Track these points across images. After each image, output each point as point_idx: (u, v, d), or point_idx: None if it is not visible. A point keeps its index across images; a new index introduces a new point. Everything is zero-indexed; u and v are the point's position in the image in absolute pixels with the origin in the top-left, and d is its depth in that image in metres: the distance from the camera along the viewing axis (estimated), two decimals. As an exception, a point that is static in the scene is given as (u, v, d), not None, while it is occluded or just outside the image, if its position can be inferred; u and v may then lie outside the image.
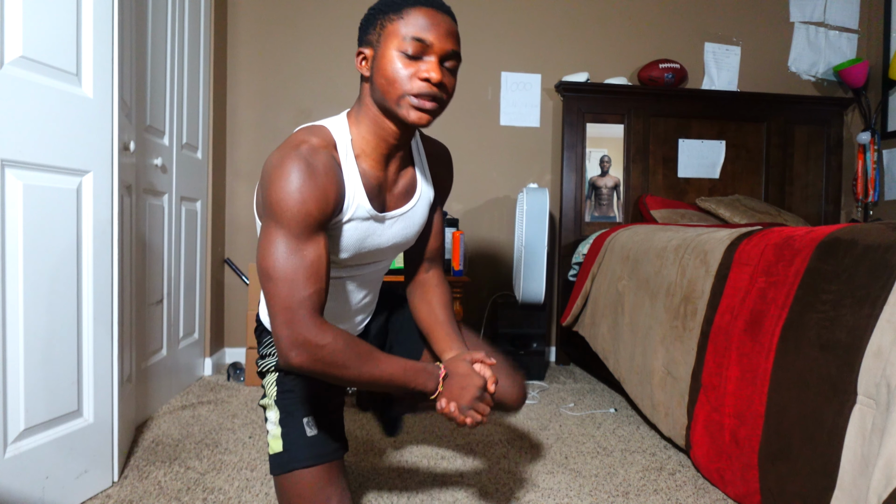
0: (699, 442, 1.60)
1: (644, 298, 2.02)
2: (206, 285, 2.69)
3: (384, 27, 0.99)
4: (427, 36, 0.97)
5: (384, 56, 0.99)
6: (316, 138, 1.02)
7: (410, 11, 0.97)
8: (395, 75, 0.98)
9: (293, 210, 0.95)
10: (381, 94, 1.01)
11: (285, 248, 0.95)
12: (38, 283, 1.31)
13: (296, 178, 0.95)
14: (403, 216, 1.17)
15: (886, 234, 1.17)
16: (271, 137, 2.95)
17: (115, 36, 1.50)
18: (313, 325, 0.94)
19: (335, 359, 0.95)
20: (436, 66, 0.98)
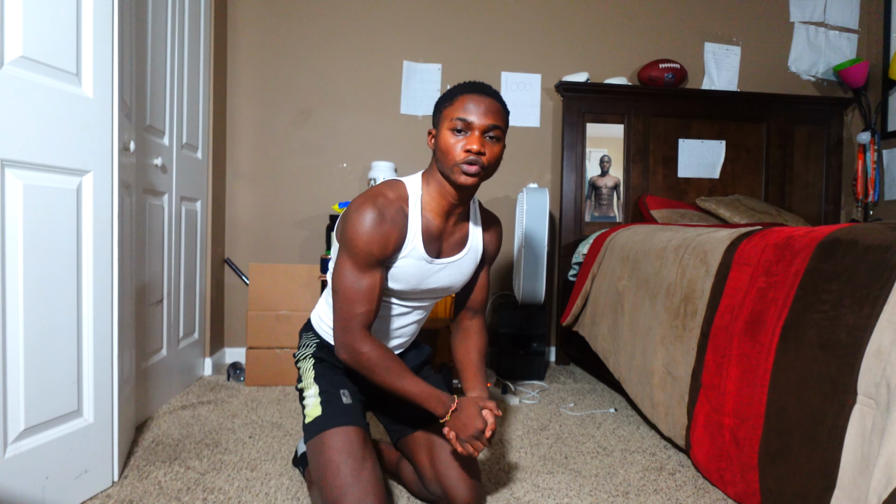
0: (699, 442, 1.60)
1: (644, 298, 2.02)
2: (206, 285, 2.69)
3: (441, 112, 1.27)
4: (469, 116, 1.22)
5: (441, 134, 1.26)
6: (392, 193, 1.30)
7: (459, 98, 1.25)
8: (447, 148, 1.24)
9: (360, 247, 1.23)
10: (440, 163, 1.27)
11: (350, 273, 1.25)
12: (38, 282, 1.31)
13: (367, 222, 1.23)
14: (452, 263, 1.39)
15: (886, 234, 1.17)
16: (271, 137, 2.95)
17: (115, 36, 1.50)
18: (360, 335, 1.25)
19: (369, 364, 1.25)
20: (477, 138, 1.22)
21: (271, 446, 1.83)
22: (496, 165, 1.27)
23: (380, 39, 3.00)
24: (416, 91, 3.02)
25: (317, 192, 2.98)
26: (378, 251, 1.24)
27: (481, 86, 1.27)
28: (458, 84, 1.29)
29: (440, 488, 1.36)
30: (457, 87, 1.28)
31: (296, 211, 2.97)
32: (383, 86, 3.01)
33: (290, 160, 2.97)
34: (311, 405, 1.36)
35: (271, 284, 2.57)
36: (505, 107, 1.28)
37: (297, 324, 2.56)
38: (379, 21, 3.00)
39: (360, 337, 1.24)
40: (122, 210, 1.59)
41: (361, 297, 1.24)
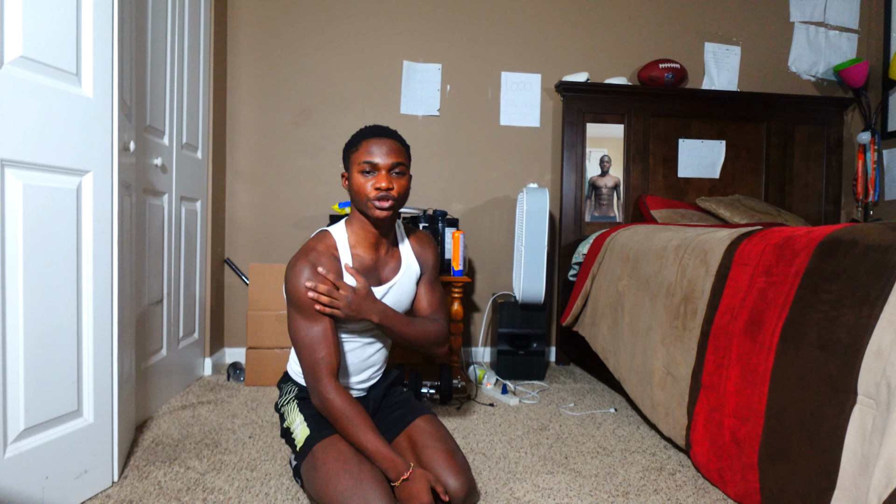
0: (699, 442, 1.60)
1: (644, 298, 2.02)
2: (206, 285, 2.69)
3: (349, 158, 1.43)
4: (374, 158, 1.37)
5: (352, 177, 1.41)
6: (321, 244, 1.42)
7: (363, 143, 1.39)
8: (359, 188, 1.39)
9: (302, 299, 1.35)
10: (356, 202, 1.42)
11: (301, 325, 1.36)
12: (38, 283, 1.31)
13: (303, 276, 1.35)
14: (394, 286, 1.51)
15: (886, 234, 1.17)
16: (271, 137, 2.95)
17: (115, 36, 1.50)
18: (326, 381, 1.33)
19: (334, 412, 1.32)
20: (384, 177, 1.37)
21: (271, 446, 1.83)
22: (406, 195, 1.42)
23: (380, 39, 3.00)
24: (416, 91, 3.02)
25: (317, 192, 2.98)
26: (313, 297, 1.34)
27: (381, 129, 1.41)
28: (360, 130, 1.43)
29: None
30: (359, 133, 1.42)
31: (296, 211, 2.97)
32: (383, 86, 3.01)
33: (290, 160, 2.97)
34: (300, 430, 1.43)
35: (271, 284, 2.57)
36: (405, 144, 1.44)
37: (297, 324, 2.56)
38: (379, 21, 3.00)
39: (326, 382, 1.33)
40: (122, 210, 1.59)
41: (318, 343, 1.34)
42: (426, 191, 3.04)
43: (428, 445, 1.40)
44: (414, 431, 1.45)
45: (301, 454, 1.39)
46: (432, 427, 1.46)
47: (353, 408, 1.32)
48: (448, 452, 1.39)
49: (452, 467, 1.35)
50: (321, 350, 1.34)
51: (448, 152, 3.06)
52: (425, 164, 3.03)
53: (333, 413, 1.32)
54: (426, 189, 3.04)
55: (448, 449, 1.40)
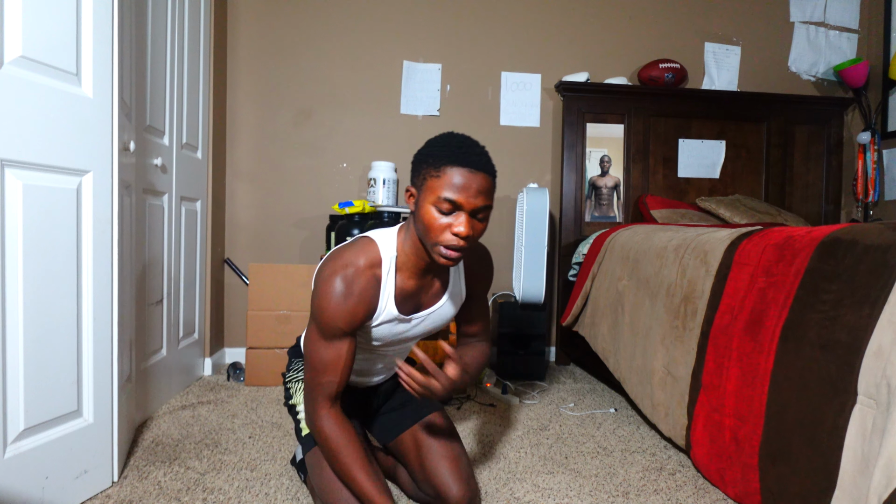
0: (699, 442, 1.60)
1: (644, 298, 2.02)
2: (206, 285, 2.69)
3: (425, 180, 1.13)
4: (459, 198, 1.09)
5: (423, 206, 1.13)
6: (364, 259, 1.21)
7: (447, 171, 1.09)
8: (431, 226, 1.12)
9: (326, 320, 1.19)
10: (420, 233, 1.17)
11: (317, 342, 1.22)
12: (38, 282, 1.31)
13: (334, 297, 1.17)
14: (431, 315, 1.35)
15: (886, 234, 1.17)
16: (271, 137, 2.95)
17: (115, 36, 1.50)
18: (321, 406, 1.23)
19: (321, 438, 1.23)
20: (466, 221, 1.10)
21: (271, 446, 1.83)
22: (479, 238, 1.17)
23: (380, 39, 3.00)
24: (416, 91, 3.02)
25: (317, 192, 2.98)
26: (344, 325, 1.19)
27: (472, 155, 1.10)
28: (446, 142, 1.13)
29: (432, 488, 1.36)
30: (445, 150, 1.11)
31: (296, 211, 2.97)
32: (383, 86, 3.01)
33: (290, 160, 2.97)
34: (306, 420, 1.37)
35: (271, 284, 2.57)
36: (494, 175, 1.15)
37: (297, 324, 2.56)
38: (379, 21, 3.00)
39: (320, 407, 1.23)
40: (122, 210, 1.59)
41: (327, 368, 1.22)
42: (426, 191, 3.04)
43: (433, 449, 1.38)
44: (421, 431, 1.42)
45: (306, 444, 1.36)
46: (440, 428, 1.44)
47: (345, 439, 1.22)
48: (453, 460, 1.37)
49: (456, 474, 1.34)
50: (328, 375, 1.22)
51: (448, 152, 3.06)
52: (425, 164, 3.03)
53: (322, 442, 1.23)
54: (426, 189, 3.04)
55: (453, 455, 1.37)
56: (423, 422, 1.44)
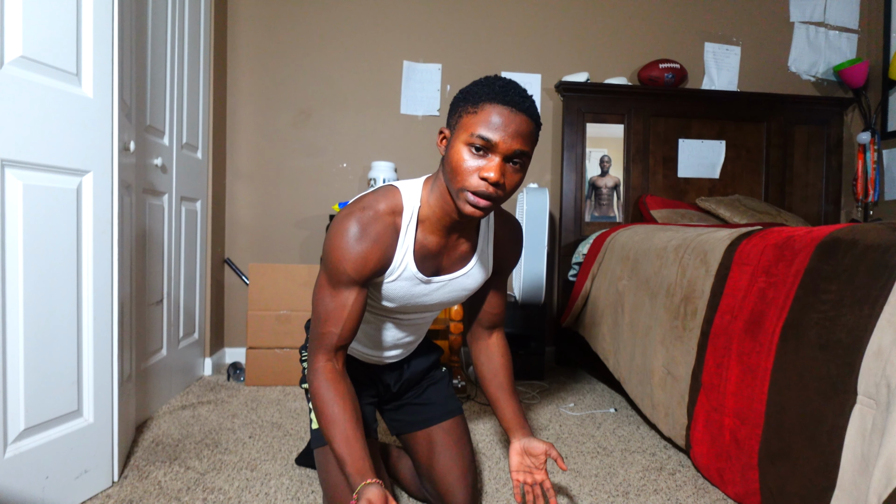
0: (699, 442, 1.60)
1: (644, 298, 2.02)
2: (206, 285, 2.69)
3: (461, 117, 1.03)
4: (494, 136, 0.98)
5: (454, 146, 1.03)
6: (385, 204, 1.11)
7: (485, 107, 0.99)
8: (459, 168, 1.01)
9: (334, 262, 1.09)
10: (447, 178, 1.06)
11: (322, 288, 1.13)
12: (39, 282, 1.31)
13: (344, 239, 1.07)
14: (453, 281, 1.23)
15: (886, 234, 1.17)
16: (271, 137, 2.95)
17: (115, 36, 1.50)
18: (317, 359, 1.13)
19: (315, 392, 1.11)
20: (498, 165, 0.99)
21: (271, 446, 1.83)
22: (512, 193, 1.05)
23: (380, 39, 3.00)
24: (416, 91, 3.02)
25: (317, 192, 2.98)
26: (352, 271, 1.08)
27: (515, 94, 1.01)
28: (487, 81, 1.03)
29: (437, 490, 1.36)
30: (485, 86, 1.02)
31: (296, 211, 2.97)
32: (383, 86, 3.01)
33: (290, 160, 2.97)
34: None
35: (271, 284, 2.57)
36: (538, 122, 1.04)
37: (297, 324, 2.56)
38: (379, 21, 3.00)
39: (317, 361, 1.12)
40: (122, 210, 1.59)
41: (329, 317, 1.11)
42: (426, 191, 3.04)
43: (445, 452, 1.37)
44: (437, 433, 1.40)
45: (316, 440, 1.32)
46: (456, 434, 1.41)
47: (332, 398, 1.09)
48: (463, 466, 1.36)
49: (463, 482, 1.34)
50: (329, 325, 1.11)
51: (448, 152, 3.06)
52: (425, 164, 3.03)
53: (313, 393, 1.11)
54: (426, 189, 3.04)
55: (464, 462, 1.37)
56: (443, 424, 1.42)
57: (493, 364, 1.38)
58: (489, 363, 1.39)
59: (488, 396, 1.39)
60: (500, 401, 1.36)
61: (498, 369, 1.38)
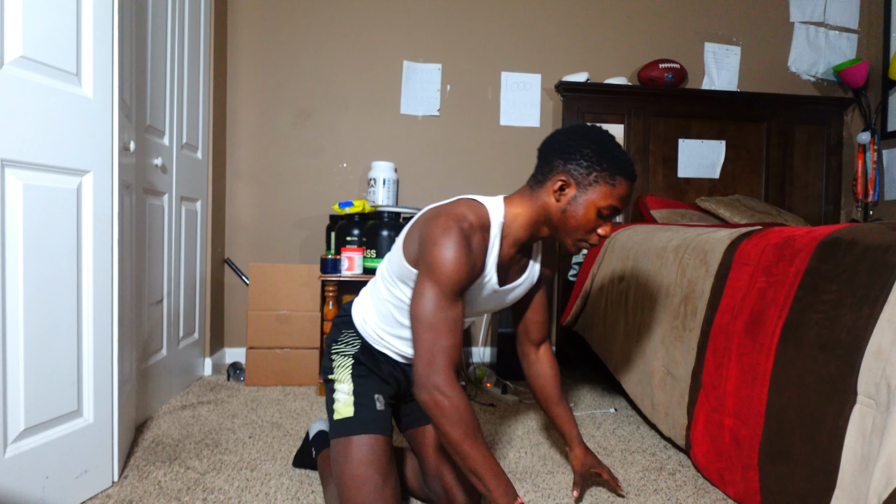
0: (699, 442, 1.60)
1: (644, 298, 2.02)
2: (206, 285, 2.69)
3: (597, 181, 1.18)
4: (621, 206, 1.20)
5: (584, 203, 1.19)
6: (475, 218, 1.19)
7: (621, 183, 1.18)
8: (587, 223, 1.19)
9: (448, 275, 1.12)
10: (562, 223, 1.21)
11: (436, 302, 1.12)
12: (39, 282, 1.31)
13: (455, 249, 1.12)
14: (514, 289, 1.37)
15: (886, 234, 1.17)
16: (271, 137, 2.95)
17: (115, 36, 1.50)
18: (446, 374, 1.11)
19: (451, 412, 1.09)
20: (610, 227, 1.21)
21: (271, 446, 1.83)
22: None
23: (380, 39, 3.00)
24: (416, 91, 3.02)
25: (317, 192, 2.98)
26: (466, 281, 1.14)
27: (636, 173, 1.22)
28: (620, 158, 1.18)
29: (440, 487, 1.36)
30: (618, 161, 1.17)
31: (296, 211, 2.97)
32: (383, 86, 3.01)
33: (290, 160, 2.97)
34: (343, 402, 1.32)
35: (271, 284, 2.57)
36: None
37: (296, 324, 2.56)
38: (379, 21, 3.00)
39: (446, 376, 1.10)
40: (122, 210, 1.59)
41: (447, 330, 1.12)
42: (426, 191, 3.04)
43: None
44: None
45: (336, 430, 1.31)
46: None
47: (470, 411, 1.11)
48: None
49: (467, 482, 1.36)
50: (449, 337, 1.11)
51: (448, 152, 3.06)
52: (425, 164, 3.03)
53: (448, 412, 1.08)
54: (426, 189, 3.04)
55: None
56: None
57: (542, 377, 1.52)
58: (539, 377, 1.52)
59: (541, 406, 1.55)
60: (551, 411, 1.53)
61: (546, 381, 1.52)
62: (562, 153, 1.20)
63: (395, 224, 2.49)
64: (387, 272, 1.33)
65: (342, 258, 2.42)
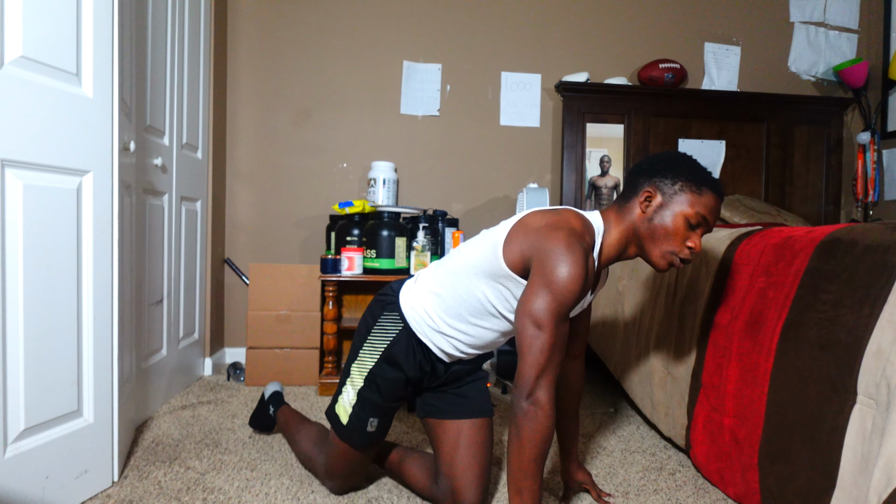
0: (699, 442, 1.60)
1: (644, 298, 2.02)
2: (206, 285, 2.69)
3: (683, 190, 1.21)
4: (709, 217, 1.21)
5: (672, 213, 1.21)
6: (589, 237, 1.21)
7: (708, 193, 1.21)
8: (675, 233, 1.20)
9: (572, 292, 1.11)
10: (649, 234, 1.23)
11: (556, 317, 1.11)
12: (39, 282, 1.31)
13: (580, 267, 1.11)
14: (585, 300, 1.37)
15: (886, 234, 1.17)
16: (271, 138, 2.95)
17: (115, 36, 1.50)
18: (551, 393, 1.12)
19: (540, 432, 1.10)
20: (700, 239, 1.22)
21: (271, 446, 1.83)
22: None
23: (380, 39, 3.00)
24: (416, 91, 3.02)
25: (317, 192, 2.98)
26: (581, 297, 1.15)
27: (723, 189, 1.24)
28: (706, 172, 1.22)
29: (452, 484, 1.37)
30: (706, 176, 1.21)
31: (296, 211, 2.97)
32: (383, 86, 3.01)
33: (290, 160, 2.97)
34: (343, 405, 1.41)
35: (271, 284, 2.57)
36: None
37: (296, 324, 2.56)
38: (379, 21, 3.00)
39: (551, 394, 1.12)
40: (122, 210, 1.59)
41: (561, 346, 1.13)
42: (426, 191, 3.04)
43: (468, 449, 1.40)
44: (467, 427, 1.42)
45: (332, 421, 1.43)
46: (484, 433, 1.44)
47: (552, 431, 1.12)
48: (482, 468, 1.40)
49: (478, 482, 1.38)
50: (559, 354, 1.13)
51: (448, 152, 3.06)
52: (425, 163, 3.03)
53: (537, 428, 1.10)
54: (426, 189, 3.04)
55: (483, 466, 1.41)
56: (475, 421, 1.44)
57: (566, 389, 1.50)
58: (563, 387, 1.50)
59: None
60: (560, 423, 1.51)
61: (567, 393, 1.50)
62: (647, 172, 1.25)
63: (396, 224, 2.49)
64: (464, 264, 1.29)
65: (342, 258, 2.42)
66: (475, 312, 1.30)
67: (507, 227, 1.23)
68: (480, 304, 1.29)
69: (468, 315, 1.31)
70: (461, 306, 1.31)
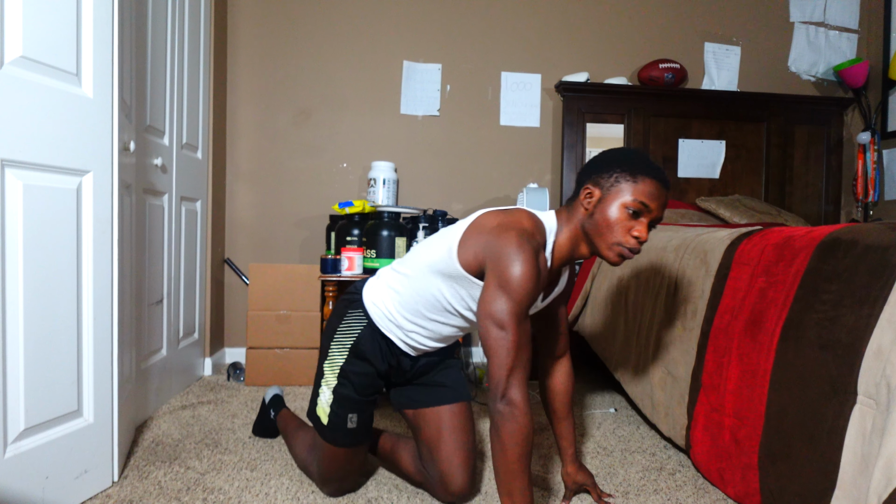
0: (699, 442, 1.60)
1: (644, 298, 2.02)
2: (206, 285, 2.69)
3: (619, 181, 1.21)
4: (650, 203, 1.19)
5: (609, 205, 1.21)
6: (540, 236, 1.22)
7: (644, 179, 1.19)
8: (615, 224, 1.20)
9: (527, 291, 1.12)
10: (594, 229, 1.23)
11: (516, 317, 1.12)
12: (38, 282, 1.31)
13: (532, 267, 1.12)
14: (549, 300, 1.41)
15: (886, 234, 1.17)
16: (271, 137, 2.95)
17: (115, 36, 1.50)
18: (524, 392, 1.13)
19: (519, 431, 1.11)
20: (646, 227, 1.20)
21: (271, 446, 1.83)
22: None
23: (380, 39, 3.00)
24: (416, 91, 3.02)
25: (317, 192, 2.98)
26: (536, 297, 1.16)
27: (664, 175, 1.22)
28: (642, 160, 1.21)
29: (438, 469, 1.39)
30: (641, 163, 1.21)
31: (296, 211, 2.97)
32: (383, 86, 3.01)
33: (290, 160, 2.97)
34: (322, 405, 1.42)
35: (271, 284, 2.57)
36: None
37: (297, 324, 2.56)
38: (379, 21, 3.00)
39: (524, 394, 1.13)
40: (122, 210, 1.59)
41: (526, 343, 1.14)
42: (426, 191, 3.04)
43: (452, 436, 1.42)
44: (446, 414, 1.44)
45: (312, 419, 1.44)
46: (463, 418, 1.47)
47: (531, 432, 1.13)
48: (466, 452, 1.43)
49: (464, 467, 1.40)
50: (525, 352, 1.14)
51: (448, 152, 3.06)
52: (425, 164, 3.03)
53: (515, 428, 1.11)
54: (426, 189, 3.04)
55: (467, 449, 1.43)
56: (453, 406, 1.46)
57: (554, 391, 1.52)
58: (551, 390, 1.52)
59: (547, 416, 1.56)
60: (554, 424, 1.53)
61: (556, 395, 1.51)
62: (587, 170, 1.27)
63: (395, 224, 2.49)
64: (421, 263, 1.31)
65: (342, 258, 2.42)
66: (432, 309, 1.34)
67: (462, 228, 1.25)
68: (437, 301, 1.32)
69: (425, 311, 1.34)
70: (418, 303, 1.34)
